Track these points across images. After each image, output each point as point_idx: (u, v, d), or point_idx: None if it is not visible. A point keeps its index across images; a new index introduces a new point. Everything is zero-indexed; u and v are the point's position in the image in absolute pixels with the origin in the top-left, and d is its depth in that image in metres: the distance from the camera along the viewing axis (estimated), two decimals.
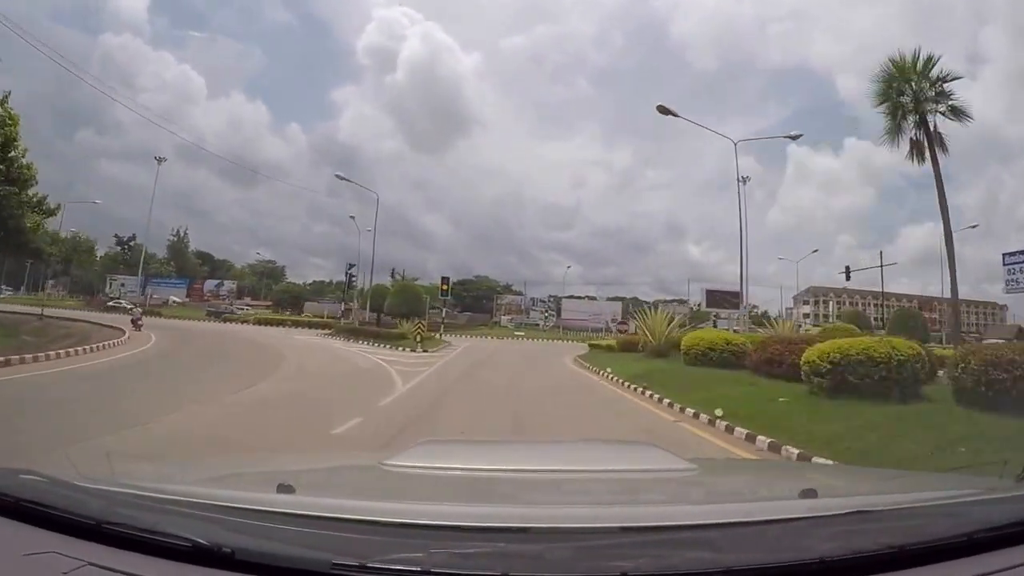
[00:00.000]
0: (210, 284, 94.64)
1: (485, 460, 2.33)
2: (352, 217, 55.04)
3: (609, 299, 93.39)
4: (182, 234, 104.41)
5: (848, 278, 57.34)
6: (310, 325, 51.94)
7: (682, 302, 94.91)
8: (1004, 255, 26.83)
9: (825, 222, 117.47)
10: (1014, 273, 26.49)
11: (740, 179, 30.99)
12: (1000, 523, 1.33)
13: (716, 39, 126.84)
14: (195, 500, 1.39)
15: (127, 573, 1.16)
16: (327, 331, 43.16)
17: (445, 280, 41.66)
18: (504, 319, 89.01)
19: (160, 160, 78.97)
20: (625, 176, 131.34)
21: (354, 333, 39.04)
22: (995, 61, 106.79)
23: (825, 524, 1.33)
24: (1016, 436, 7.88)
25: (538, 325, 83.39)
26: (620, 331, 38.97)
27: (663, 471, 2.16)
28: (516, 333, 71.00)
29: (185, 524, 1.24)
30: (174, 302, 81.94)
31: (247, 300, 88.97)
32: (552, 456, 2.60)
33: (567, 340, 65.03)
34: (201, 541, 1.18)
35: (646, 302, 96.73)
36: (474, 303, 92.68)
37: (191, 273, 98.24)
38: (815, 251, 68.86)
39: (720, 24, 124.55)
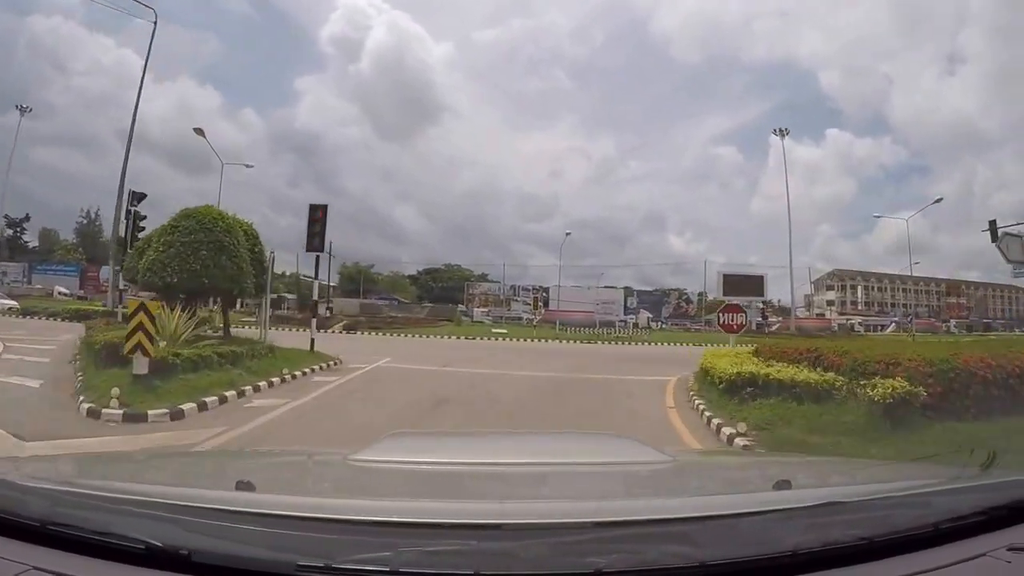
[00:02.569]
0: (106, 272, 68.72)
1: (457, 453, 2.15)
2: (199, 131, 30.14)
3: (602, 288, 70.26)
4: (93, 216, 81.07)
5: (995, 238, 33.71)
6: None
7: (682, 293, 72.91)
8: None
9: (807, 211, 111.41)
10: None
11: None
12: (964, 512, 1.29)
13: (699, 33, 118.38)
14: (148, 499, 1.22)
15: None
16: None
17: (317, 214, 16.66)
18: (478, 312, 64.52)
19: (23, 109, 60.49)
20: (605, 167, 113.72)
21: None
22: (972, 61, 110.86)
23: (798, 516, 1.24)
24: None
25: (521, 319, 58.68)
26: (731, 326, 13.05)
27: (639, 463, 2.00)
28: (495, 331, 46.36)
29: (137, 525, 1.11)
30: (61, 294, 61.11)
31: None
32: (526, 448, 2.35)
33: (570, 339, 41.78)
34: (155, 542, 1.07)
35: (651, 290, 79.92)
36: (444, 294, 75.39)
37: (105, 261, 72.97)
38: (939, 200, 44.91)
39: (703, 19, 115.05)
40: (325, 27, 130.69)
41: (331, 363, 15.45)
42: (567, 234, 57.67)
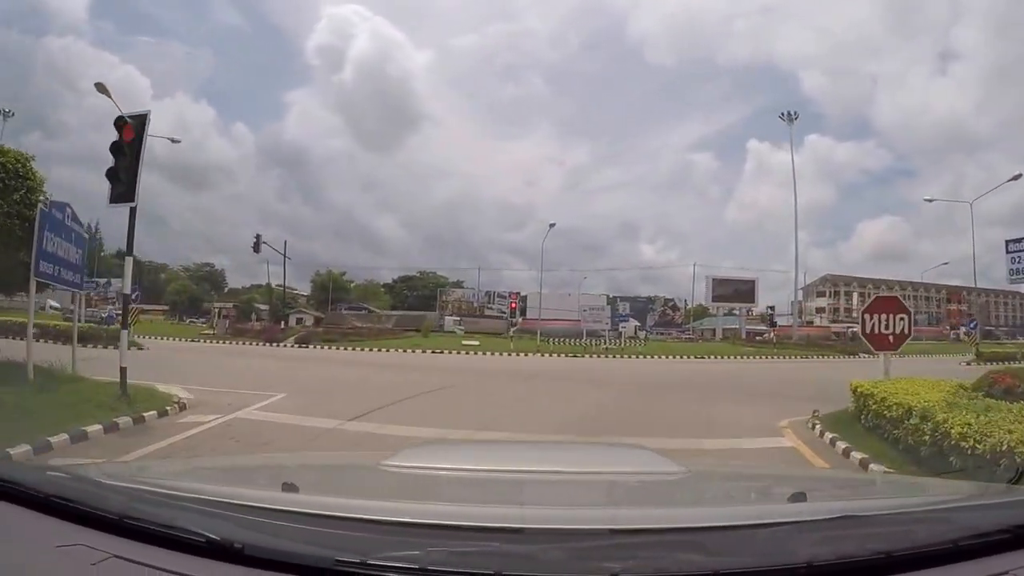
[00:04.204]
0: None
1: (481, 460, 2.16)
2: (100, 87, 22.93)
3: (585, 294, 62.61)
4: (94, 229, 75.22)
5: None
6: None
7: (668, 300, 66.50)
8: (1007, 242, 20.58)
9: (787, 217, 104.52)
10: (1019, 262, 19.55)
11: None
12: (986, 530, 1.22)
13: (677, 36, 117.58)
14: (208, 498, 1.32)
15: (148, 565, 1.13)
16: None
17: (124, 132, 8.54)
18: (449, 320, 56.41)
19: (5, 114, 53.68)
20: (581, 175, 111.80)
21: None
22: (961, 60, 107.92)
23: (813, 528, 1.22)
24: None
25: (499, 318, 51.45)
26: (883, 339, 5.37)
27: (656, 474, 1.97)
28: (465, 343, 39.26)
29: (199, 520, 1.19)
30: (52, 308, 53.39)
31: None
32: (548, 457, 2.43)
33: (554, 352, 35.15)
34: (214, 536, 1.15)
35: (634, 297, 73.09)
36: (420, 303, 69.56)
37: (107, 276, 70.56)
38: (1018, 176, 37.56)
39: (682, 20, 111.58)
40: (311, 37, 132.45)
41: (144, 415, 8.22)
42: (551, 225, 48.62)
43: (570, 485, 1.89)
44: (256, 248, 40.77)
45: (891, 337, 8.72)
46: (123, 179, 8.98)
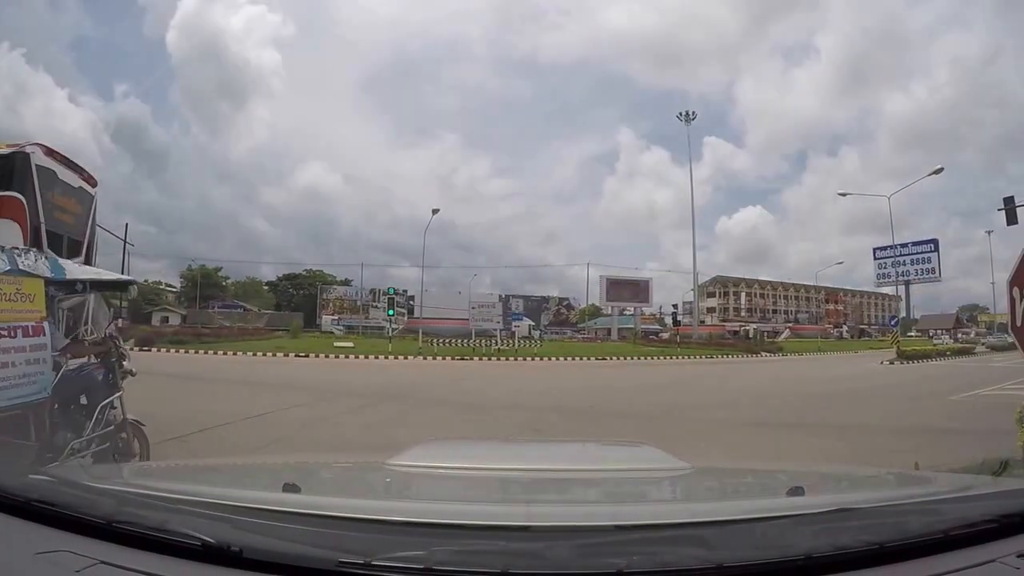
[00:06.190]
0: None
1: (485, 459, 2.15)
2: None
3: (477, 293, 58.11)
4: None
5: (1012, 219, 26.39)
6: None
7: (563, 299, 64.02)
8: (875, 249, 27.60)
9: (650, 220, 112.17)
10: (885, 267, 24.81)
11: None
12: (974, 520, 1.26)
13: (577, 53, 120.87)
14: (203, 500, 1.27)
15: (138, 571, 1.09)
16: None
17: None
18: (327, 320, 50.59)
19: None
20: (477, 181, 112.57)
21: None
22: (827, 68, 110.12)
23: (810, 522, 1.24)
24: None
25: (382, 329, 46.01)
26: None
27: (659, 470, 2.00)
28: (338, 344, 34.31)
29: (194, 523, 1.15)
30: None
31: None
32: (552, 455, 2.45)
33: (439, 355, 30.48)
34: (210, 540, 1.11)
35: (534, 296, 69.83)
36: (305, 302, 66.71)
37: None
38: (939, 170, 36.16)
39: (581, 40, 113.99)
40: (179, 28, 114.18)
41: None
42: (434, 211, 43.38)
43: (575, 482, 1.88)
44: None
45: None
46: None
